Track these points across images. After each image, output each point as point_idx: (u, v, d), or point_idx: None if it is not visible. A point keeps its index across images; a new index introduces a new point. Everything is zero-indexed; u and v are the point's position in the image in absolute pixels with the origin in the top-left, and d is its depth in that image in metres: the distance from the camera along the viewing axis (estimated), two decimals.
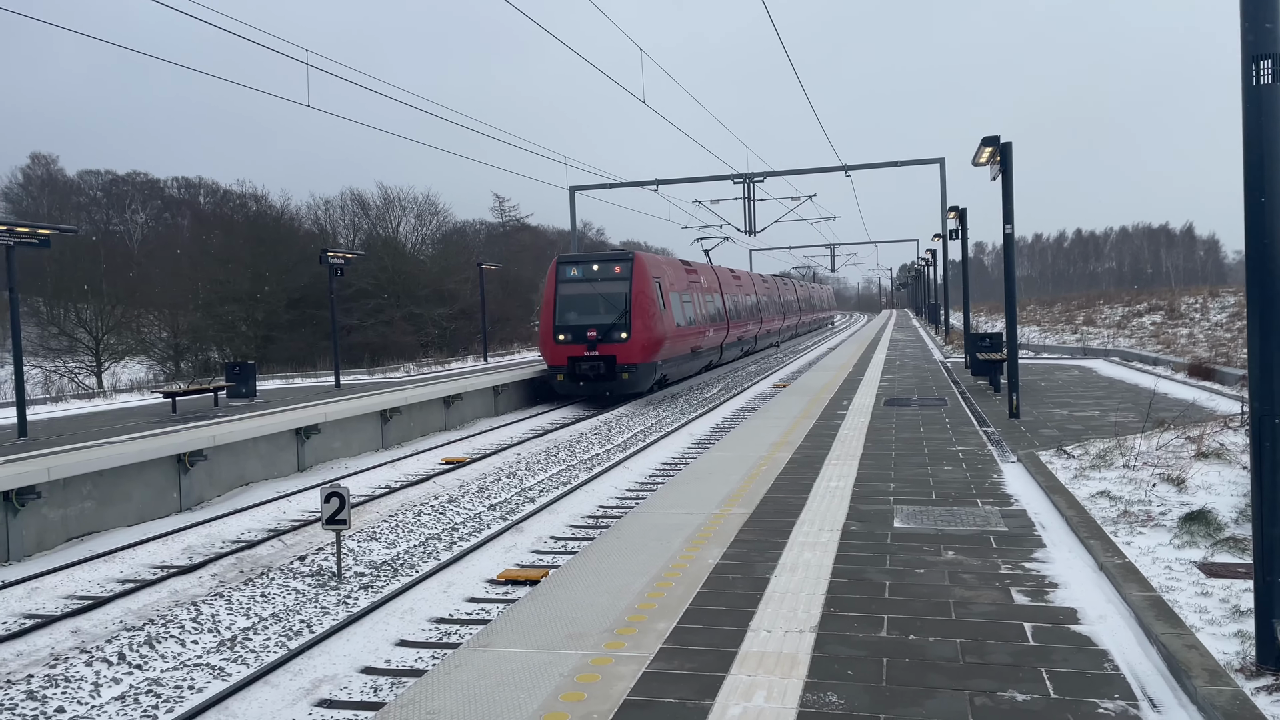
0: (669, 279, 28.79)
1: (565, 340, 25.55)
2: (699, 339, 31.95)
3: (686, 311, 30.33)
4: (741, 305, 41.72)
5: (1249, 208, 4.84)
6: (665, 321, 26.86)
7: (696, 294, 32.50)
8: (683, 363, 30.00)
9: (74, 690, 7.32)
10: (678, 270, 31.04)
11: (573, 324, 25.82)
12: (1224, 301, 42.36)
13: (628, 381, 25.12)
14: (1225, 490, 8.98)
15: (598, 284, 26.26)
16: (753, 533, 7.93)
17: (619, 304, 25.82)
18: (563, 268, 26.79)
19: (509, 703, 4.66)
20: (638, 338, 25.35)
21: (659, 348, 26.18)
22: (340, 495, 9.92)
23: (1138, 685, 4.71)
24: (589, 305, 26.04)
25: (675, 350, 28.26)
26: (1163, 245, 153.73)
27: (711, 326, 34.23)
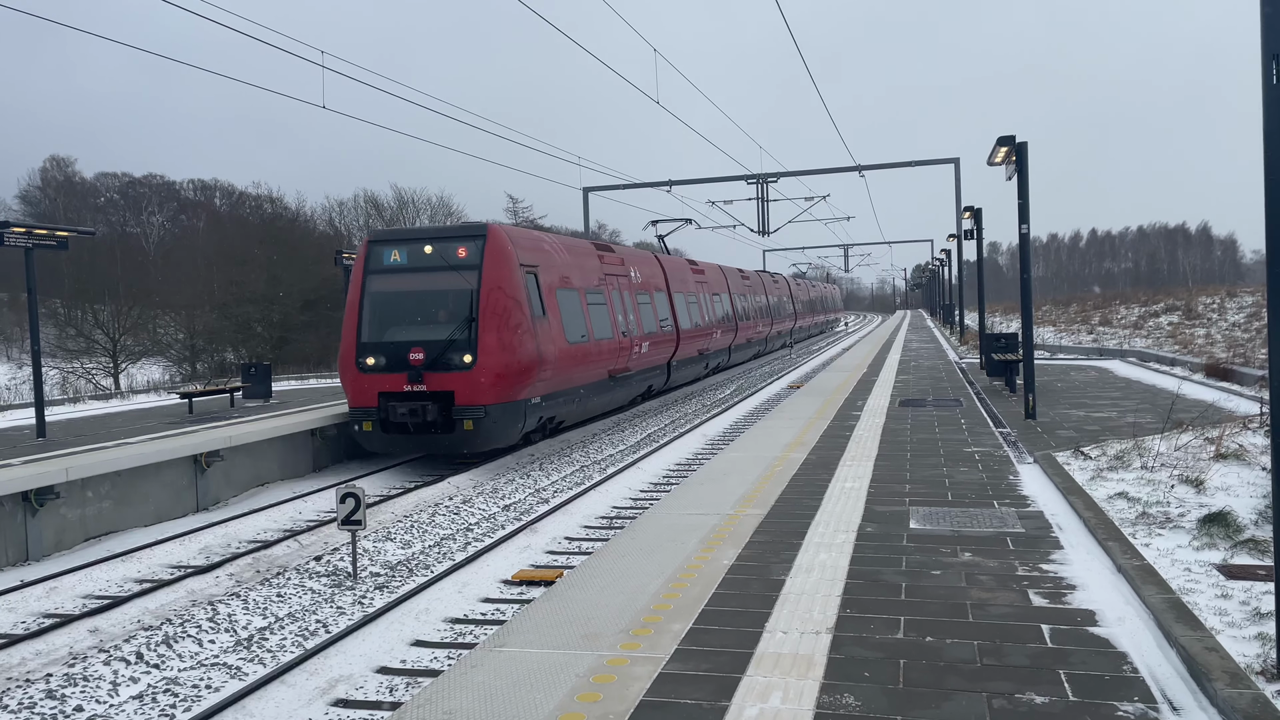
0: (557, 267, 18.84)
1: (374, 366, 16.14)
2: (622, 358, 21.95)
3: (600, 318, 20.85)
4: (704, 309, 31.79)
5: (1270, 206, 4.80)
6: (545, 334, 17.15)
7: (620, 292, 22.92)
8: (589, 395, 20.12)
9: (92, 689, 7.36)
10: (583, 256, 21.19)
11: (386, 341, 16.33)
12: (1241, 301, 42.04)
13: (472, 434, 15.64)
14: (1244, 491, 8.91)
15: (429, 276, 16.67)
16: (768, 534, 7.92)
17: (460, 308, 16.25)
18: (376, 250, 17.06)
19: (525, 703, 4.67)
20: (491, 361, 15.79)
21: (530, 376, 16.45)
22: (355, 495, 9.95)
23: (1157, 688, 4.68)
24: (413, 310, 16.66)
25: (571, 377, 18.56)
26: (1179, 245, 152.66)
27: (647, 340, 24.14)
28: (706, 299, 32.53)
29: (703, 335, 30.59)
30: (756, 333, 41.19)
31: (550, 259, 18.61)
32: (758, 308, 42.42)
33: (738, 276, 39.85)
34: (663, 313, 26.55)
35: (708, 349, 31.71)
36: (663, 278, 27.69)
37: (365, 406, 16.17)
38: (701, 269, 33.72)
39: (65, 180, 72.03)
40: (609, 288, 22.19)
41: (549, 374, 17.21)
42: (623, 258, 24.39)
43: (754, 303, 41.72)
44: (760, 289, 44.65)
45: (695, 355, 29.89)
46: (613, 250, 24.35)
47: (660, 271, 27.71)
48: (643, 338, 23.75)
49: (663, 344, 25.76)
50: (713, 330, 32.22)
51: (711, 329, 32.08)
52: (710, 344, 31.94)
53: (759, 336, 42.30)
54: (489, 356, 15.83)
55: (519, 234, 18.11)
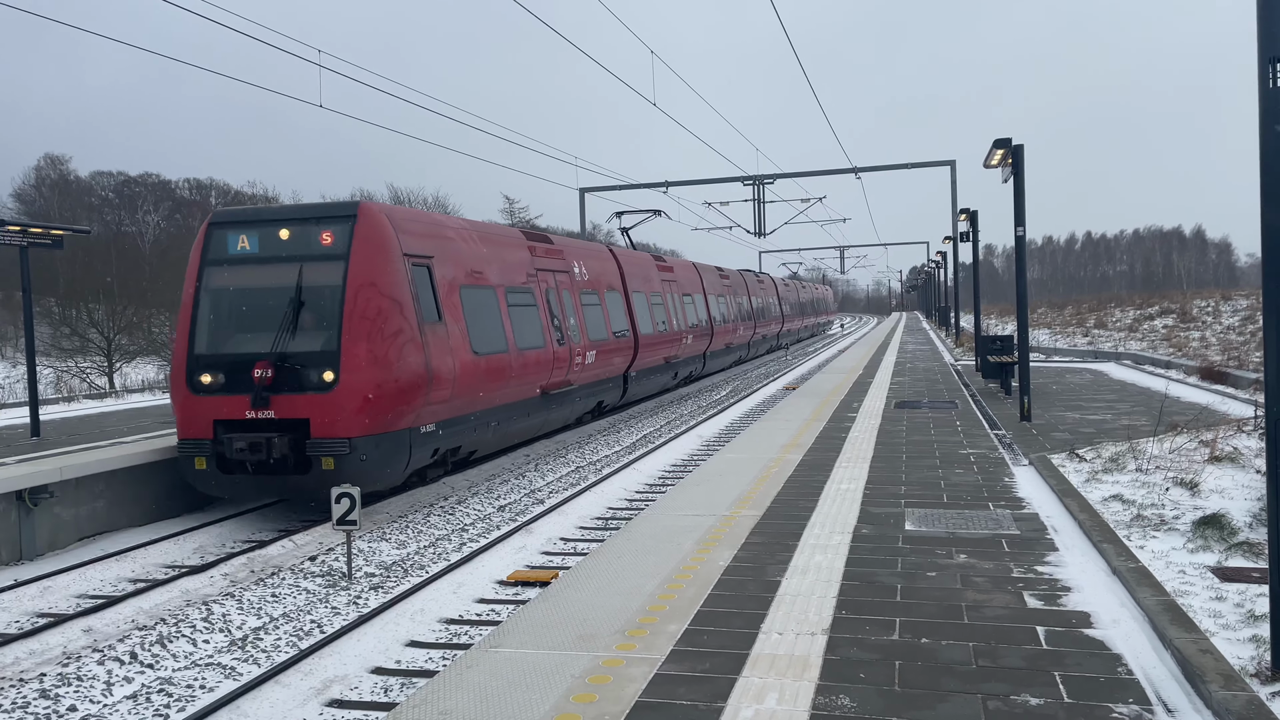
0: (463, 259, 15.13)
1: (210, 386, 12.49)
2: (558, 371, 18.17)
3: (527, 323, 16.97)
4: (672, 311, 28.08)
5: (1266, 210, 4.81)
6: (440, 343, 13.47)
7: (557, 291, 19.13)
8: (512, 417, 16.29)
9: (86, 689, 7.34)
10: (504, 247, 17.22)
11: (226, 354, 12.67)
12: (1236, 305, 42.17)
13: (334, 475, 11.85)
14: (1239, 494, 8.94)
15: (283, 269, 12.91)
16: (764, 535, 7.92)
17: (321, 310, 12.64)
18: (218, 235, 13.32)
19: (521, 703, 4.66)
20: (358, 379, 12.14)
21: (416, 397, 12.76)
22: (350, 496, 9.94)
23: (1152, 690, 4.69)
24: (261, 313, 12.79)
25: (483, 396, 14.89)
26: (1175, 248, 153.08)
27: (595, 349, 20.41)
28: (676, 300, 28.81)
29: (669, 341, 26.87)
30: (737, 338, 37.59)
31: (453, 249, 14.93)
32: (739, 310, 38.58)
33: (715, 276, 35.92)
34: (617, 316, 22.73)
35: (676, 356, 27.95)
36: (618, 275, 23.86)
37: (197, 438, 12.47)
38: (670, 266, 29.99)
39: (60, 178, 71.90)
40: (541, 286, 18.24)
41: (446, 394, 13.50)
42: (563, 250, 20.47)
43: (734, 305, 37.88)
44: (742, 290, 40.70)
45: (660, 364, 26.35)
46: (549, 241, 20.23)
47: (615, 268, 23.87)
48: (589, 346, 20.01)
49: (617, 353, 22.10)
50: (682, 336, 28.39)
51: (681, 334, 28.30)
52: (679, 351, 28.25)
53: (740, 341, 38.53)
54: (356, 373, 12.11)
55: (405, 215, 14.18)
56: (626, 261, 25.19)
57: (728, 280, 37.95)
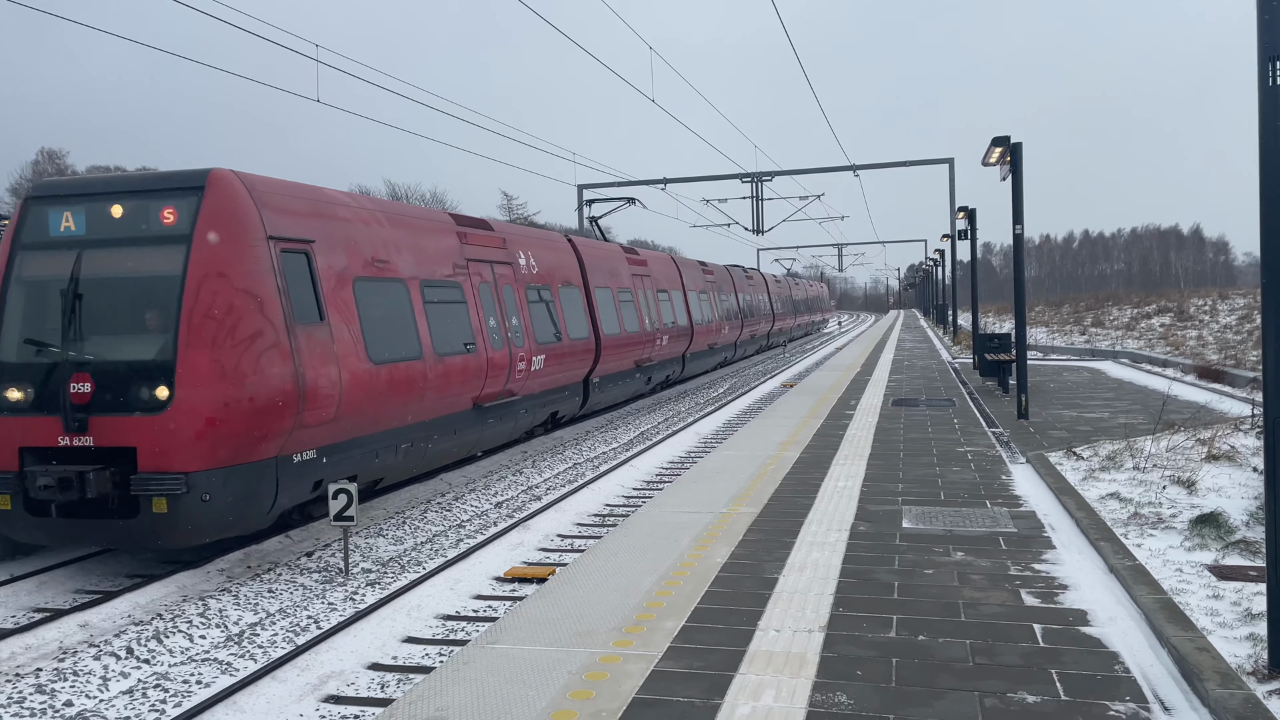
0: (358, 245, 12.34)
1: (17, 405, 9.95)
2: (495, 379, 15.36)
3: (452, 324, 14.20)
4: (644, 309, 25.21)
5: (1264, 208, 4.81)
6: (321, 350, 10.91)
7: (495, 286, 16.11)
8: (433, 437, 13.76)
9: (82, 684, 7.34)
10: (421, 232, 14.29)
11: (36, 363, 10.09)
12: (1233, 304, 42.20)
13: (168, 521, 9.50)
14: (1236, 493, 8.95)
15: (113, 256, 10.35)
16: (761, 532, 7.92)
17: (156, 308, 10.10)
18: (36, 213, 10.72)
19: (518, 700, 4.66)
20: (200, 396, 9.66)
21: (282, 419, 10.25)
22: (348, 492, 9.93)
23: (1149, 688, 4.69)
24: (83, 312, 10.11)
25: (388, 413, 12.33)
26: (1172, 247, 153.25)
27: (545, 352, 17.55)
28: (649, 297, 25.94)
29: (640, 343, 24.12)
30: (721, 338, 34.67)
31: (344, 231, 11.90)
32: (724, 308, 35.76)
33: (696, 271, 33.14)
34: (575, 315, 19.85)
35: (648, 359, 25.17)
36: (577, 269, 20.90)
37: (1, 470, 9.77)
38: (643, 260, 26.95)
39: (57, 173, 71.81)
40: (473, 280, 15.14)
41: (329, 412, 10.83)
42: (504, 238, 17.21)
43: (719, 302, 34.94)
44: (728, 286, 37.79)
45: (629, 368, 23.56)
46: (487, 228, 16.84)
47: (573, 260, 20.84)
48: (537, 349, 17.11)
49: (573, 357, 19.29)
50: (656, 336, 25.70)
51: (654, 335, 25.48)
52: (653, 353, 25.51)
53: (724, 342, 35.69)
54: (196, 389, 9.54)
55: (274, 188, 11.02)
56: (588, 253, 22.14)
57: (711, 276, 35.11)
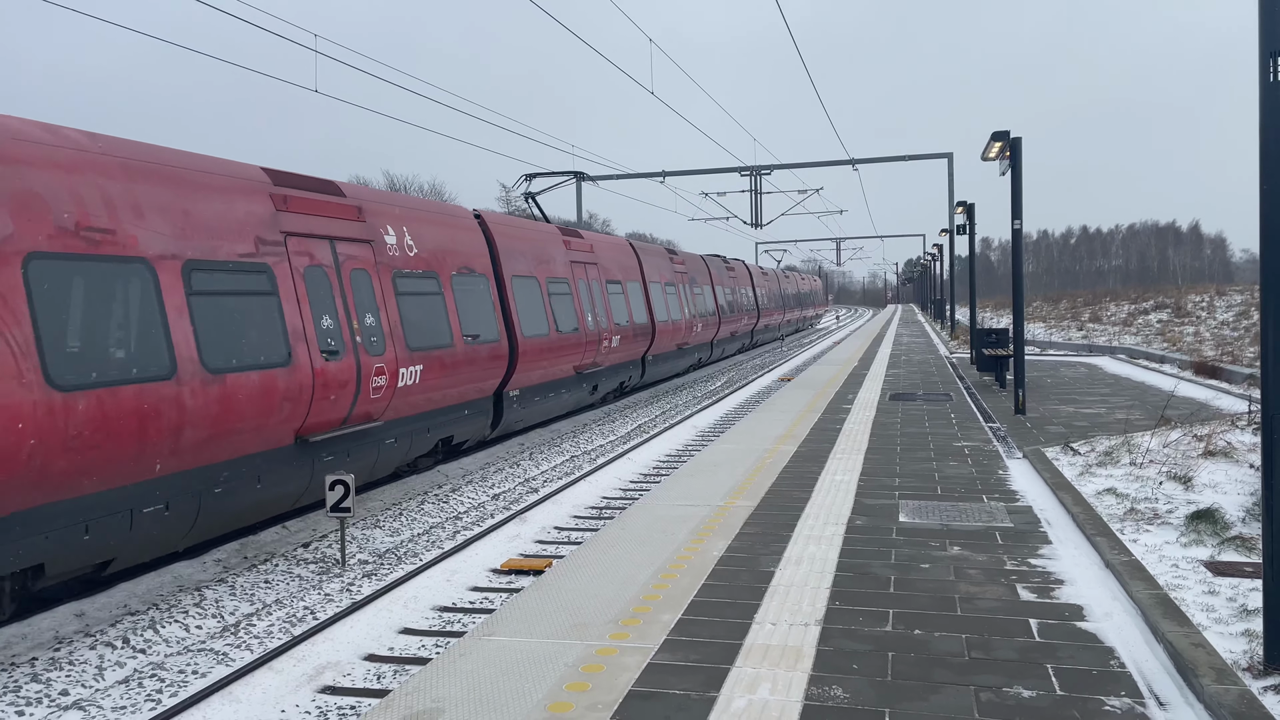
0: (64, 194, 7.86)
1: None
2: (329, 403, 11.27)
3: (258, 326, 10.15)
4: (584, 304, 20.85)
5: (1264, 204, 4.80)
6: None
7: (335, 273, 11.84)
8: (167, 503, 8.91)
9: (78, 673, 7.33)
10: (206, 194, 9.70)
11: None
12: (1231, 300, 42.22)
13: None
14: (1232, 489, 8.95)
15: None
16: (758, 525, 7.92)
17: None
18: None
19: (514, 692, 4.66)
20: None
21: None
22: (345, 483, 9.92)
23: (1144, 683, 4.70)
24: None
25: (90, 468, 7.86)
26: (1170, 243, 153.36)
27: (424, 362, 13.56)
28: (591, 289, 22.12)
29: (578, 345, 20.18)
30: (694, 336, 30.06)
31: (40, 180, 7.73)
32: (698, 303, 31.30)
33: (661, 260, 28.26)
34: (475, 312, 15.62)
35: (590, 365, 21.19)
36: (484, 251, 16.56)
37: None
38: (587, 244, 23.02)
39: None
40: (296, 263, 11.05)
41: None
42: (359, 207, 12.80)
43: (691, 296, 30.52)
44: (703, 278, 33.30)
45: (565, 376, 19.57)
46: (333, 192, 12.37)
47: (479, 240, 16.53)
48: (414, 357, 13.18)
49: (472, 365, 15.15)
50: (601, 338, 21.80)
51: (597, 336, 21.53)
52: (596, 358, 21.56)
53: (698, 341, 30.99)
54: None
55: None
56: (503, 233, 17.27)
57: (682, 266, 30.66)
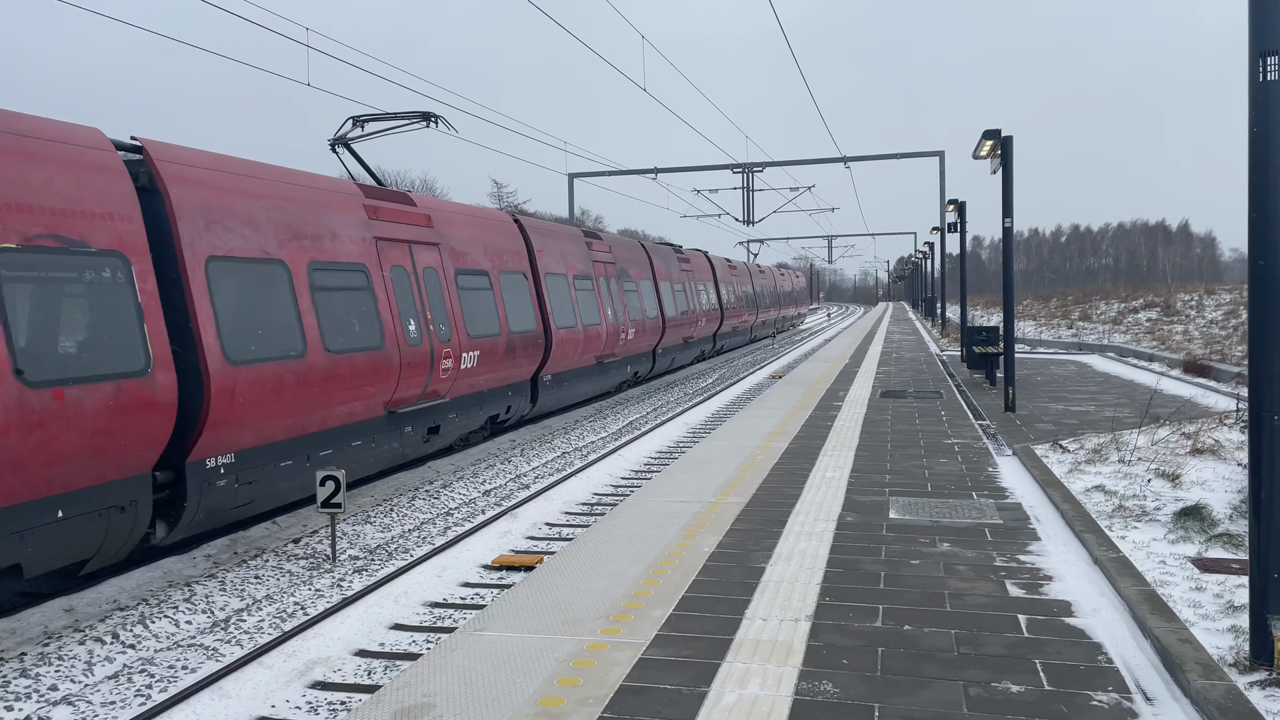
0: None
1: None
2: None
3: None
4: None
5: (1253, 204, 4.83)
6: None
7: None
8: None
9: (67, 668, 7.31)
10: None
11: None
12: (1219, 299, 42.43)
13: None
14: (1220, 486, 9.01)
15: None
16: (749, 521, 7.94)
17: None
18: None
19: (505, 686, 4.67)
20: None
21: None
22: (336, 479, 9.90)
23: (1131, 678, 4.73)
24: None
25: None
26: (1159, 242, 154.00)
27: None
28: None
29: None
30: (625, 346, 23.36)
31: None
32: (634, 304, 24.62)
33: (572, 244, 21.04)
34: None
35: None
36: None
37: None
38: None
39: None
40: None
41: None
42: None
43: (620, 295, 23.55)
44: (642, 270, 26.21)
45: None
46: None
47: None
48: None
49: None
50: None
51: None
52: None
53: (634, 350, 24.32)
54: None
55: None
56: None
57: (607, 254, 23.43)
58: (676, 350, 29.90)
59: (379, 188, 14.07)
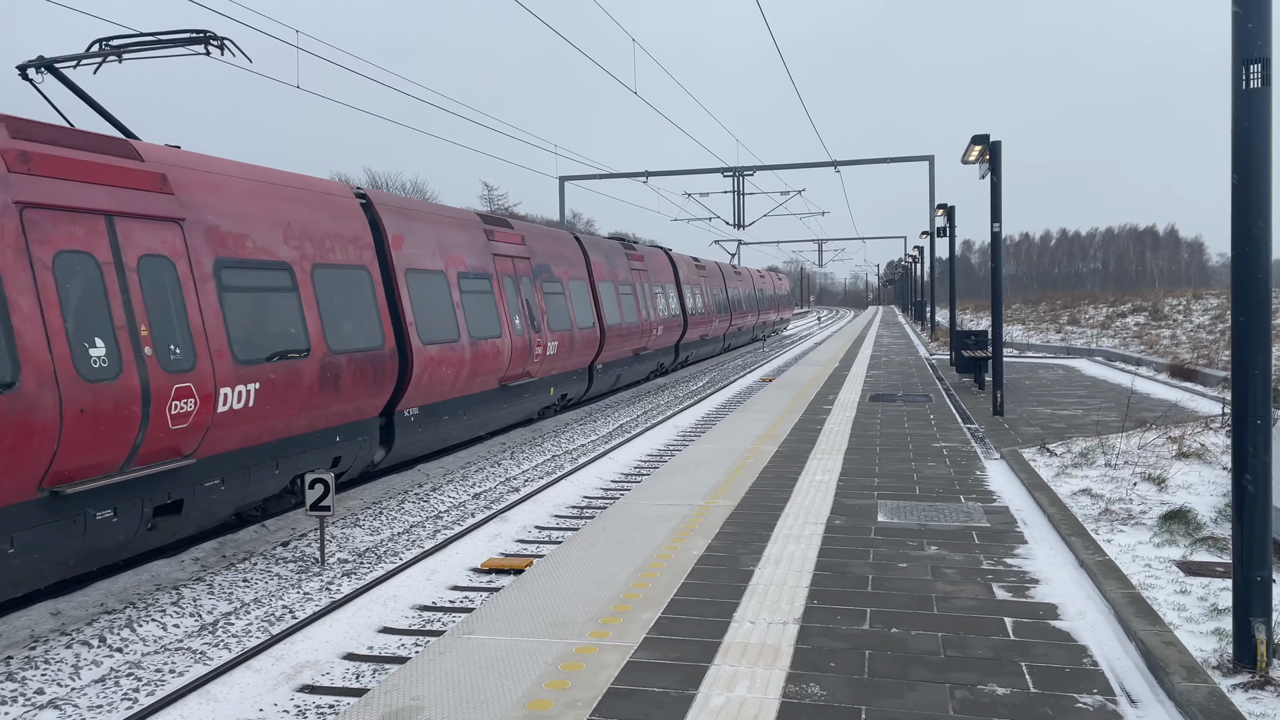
0: None
1: None
2: None
3: None
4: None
5: (1236, 210, 4.88)
6: None
7: None
8: None
9: (54, 672, 7.28)
10: None
11: None
12: (1207, 303, 42.69)
13: None
14: (1205, 490, 9.07)
15: None
16: (738, 525, 7.96)
17: None
18: None
19: (494, 689, 4.67)
20: None
21: None
22: (325, 482, 9.89)
23: (1116, 681, 4.76)
24: None
25: None
26: (1148, 247, 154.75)
27: None
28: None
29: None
30: (560, 361, 19.62)
31: None
32: (564, 312, 19.98)
33: (479, 240, 16.78)
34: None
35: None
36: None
37: None
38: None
39: None
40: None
41: None
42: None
43: (548, 299, 19.34)
44: (574, 270, 21.32)
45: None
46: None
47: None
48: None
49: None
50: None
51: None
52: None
53: (566, 367, 20.17)
54: None
55: None
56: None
57: (518, 249, 18.40)
58: (623, 365, 24.47)
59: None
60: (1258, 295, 4.84)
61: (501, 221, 18.38)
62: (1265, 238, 4.80)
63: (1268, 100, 4.81)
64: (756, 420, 14.51)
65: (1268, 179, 4.79)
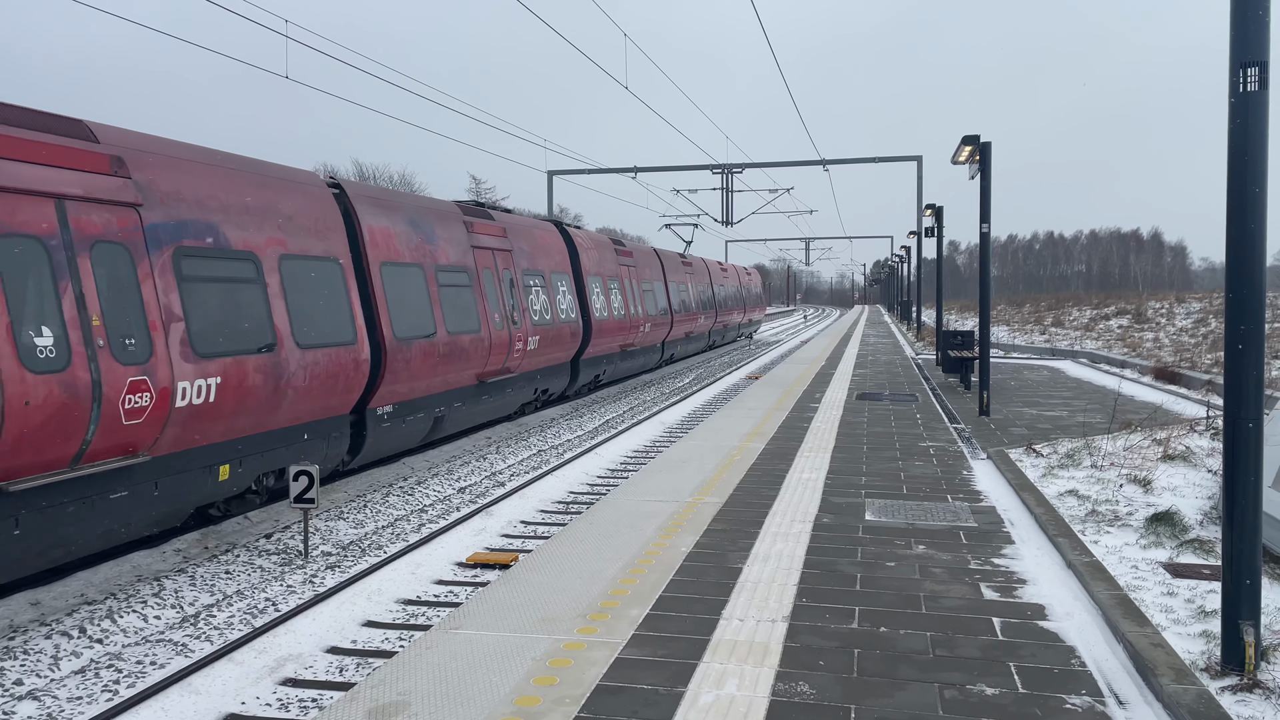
0: None
1: None
2: None
3: None
4: None
5: (1231, 212, 4.88)
6: None
7: None
8: None
9: (33, 663, 7.19)
10: None
11: None
12: (1190, 307, 42.98)
13: None
14: (1190, 492, 9.11)
15: None
16: (726, 522, 7.94)
17: None
18: None
19: (481, 685, 4.63)
20: None
21: None
22: (309, 474, 9.81)
23: (1104, 682, 4.77)
24: None
25: None
26: (1131, 250, 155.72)
27: None
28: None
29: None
30: (542, 356, 19.20)
31: None
32: (547, 307, 19.41)
33: (458, 232, 16.34)
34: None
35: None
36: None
37: None
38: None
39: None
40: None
41: None
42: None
43: (530, 294, 18.69)
44: (558, 264, 20.67)
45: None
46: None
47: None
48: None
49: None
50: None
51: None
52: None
53: (548, 361, 19.71)
54: None
55: None
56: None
57: (499, 241, 17.85)
58: (609, 361, 24.38)
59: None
60: (1253, 299, 4.85)
61: (482, 213, 17.86)
62: (1260, 241, 4.80)
63: (1265, 103, 4.80)
64: (744, 418, 14.50)
65: (1264, 182, 4.79)
